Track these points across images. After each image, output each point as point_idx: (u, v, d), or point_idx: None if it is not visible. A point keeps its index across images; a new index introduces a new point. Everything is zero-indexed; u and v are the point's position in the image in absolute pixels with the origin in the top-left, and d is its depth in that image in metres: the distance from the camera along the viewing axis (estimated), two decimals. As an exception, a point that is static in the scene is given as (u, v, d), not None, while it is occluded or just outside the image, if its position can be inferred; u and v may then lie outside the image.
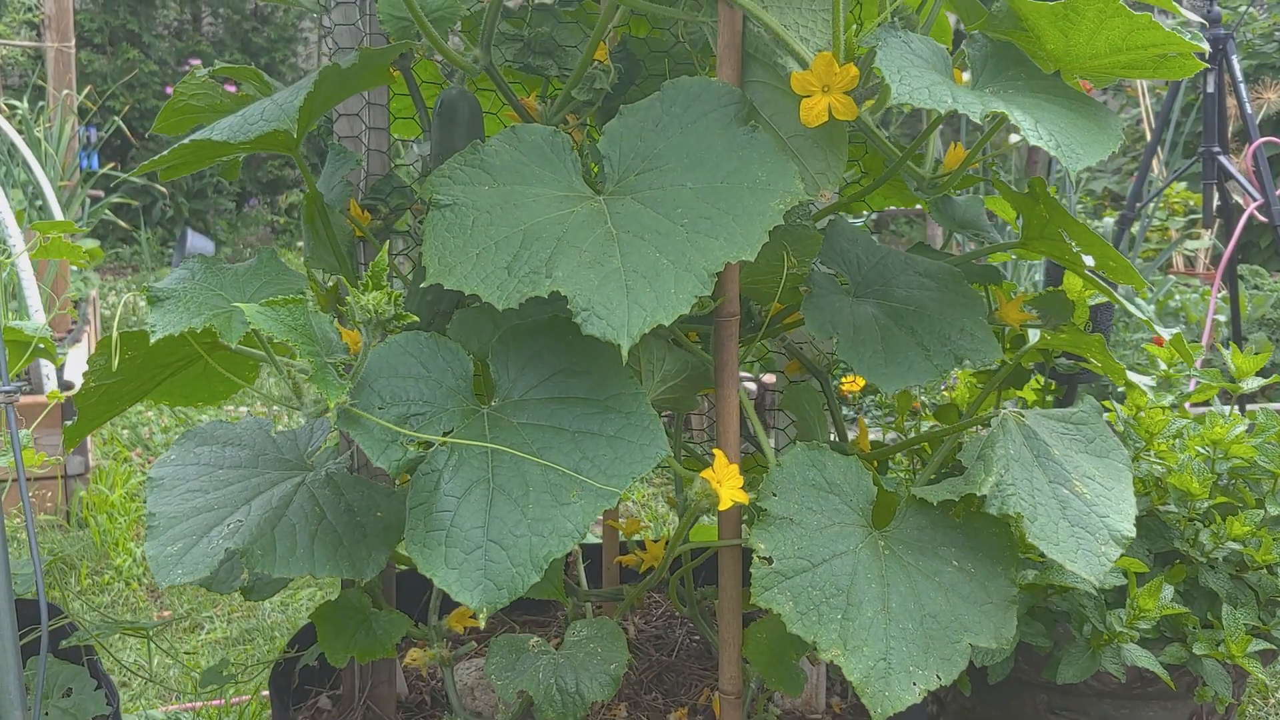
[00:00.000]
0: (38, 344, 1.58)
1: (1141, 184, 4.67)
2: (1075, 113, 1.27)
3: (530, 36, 1.59)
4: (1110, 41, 1.29)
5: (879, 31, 1.27)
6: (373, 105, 1.58)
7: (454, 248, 1.24)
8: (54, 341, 4.55)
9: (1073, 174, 1.17)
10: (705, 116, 1.32)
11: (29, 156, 5.52)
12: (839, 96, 1.27)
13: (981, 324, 1.45)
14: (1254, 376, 2.08)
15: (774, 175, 1.25)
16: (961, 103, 1.20)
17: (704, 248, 1.20)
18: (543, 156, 1.34)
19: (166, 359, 1.60)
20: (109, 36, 10.07)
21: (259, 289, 1.31)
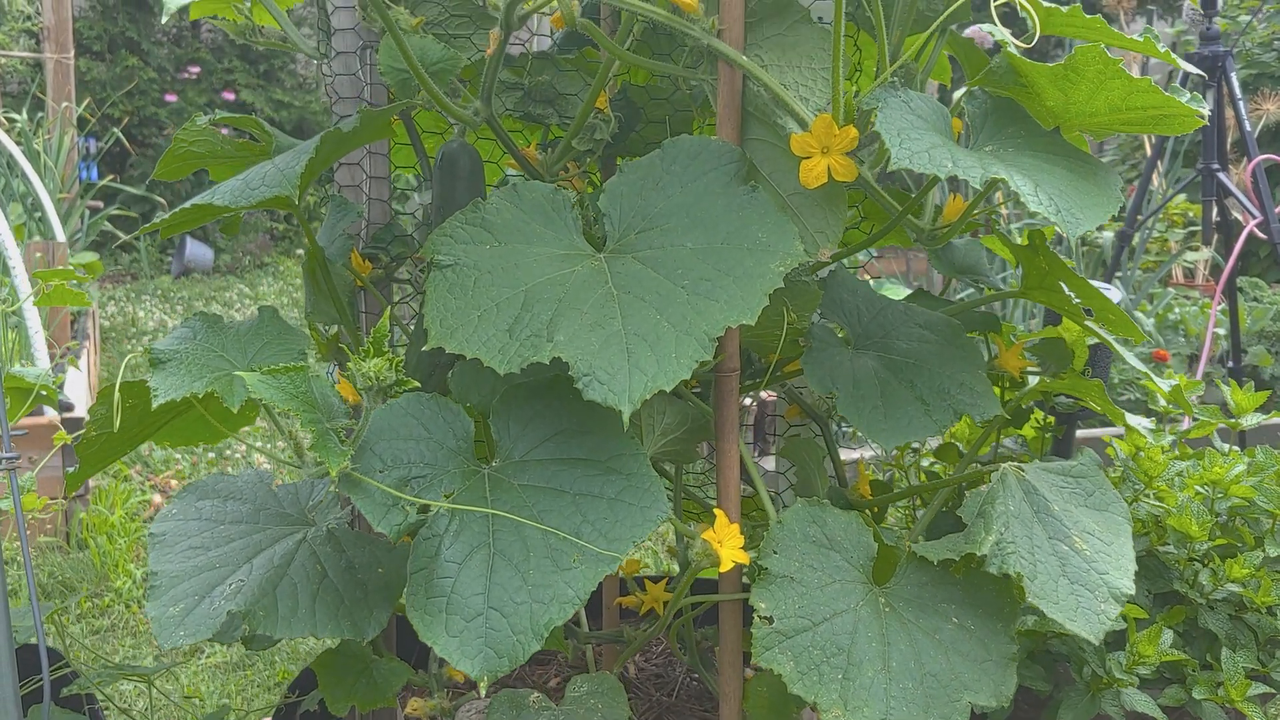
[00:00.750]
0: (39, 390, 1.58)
1: (1141, 198, 4.68)
2: (1075, 173, 1.27)
3: (530, 85, 1.59)
4: (1109, 101, 1.30)
5: (878, 92, 1.28)
6: (373, 154, 1.58)
7: (455, 309, 1.24)
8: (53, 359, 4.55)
9: (1072, 240, 1.17)
10: (705, 175, 1.32)
11: (28, 169, 5.53)
12: (838, 158, 1.27)
13: (980, 377, 1.45)
14: (1254, 413, 2.08)
15: (774, 236, 1.25)
16: (962, 167, 1.20)
17: (704, 310, 1.20)
18: (543, 214, 1.34)
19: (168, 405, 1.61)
20: (108, 44, 10.07)
21: (260, 349, 1.32)
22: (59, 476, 3.59)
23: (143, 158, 9.56)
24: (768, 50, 1.33)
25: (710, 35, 1.32)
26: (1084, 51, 1.25)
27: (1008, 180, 1.19)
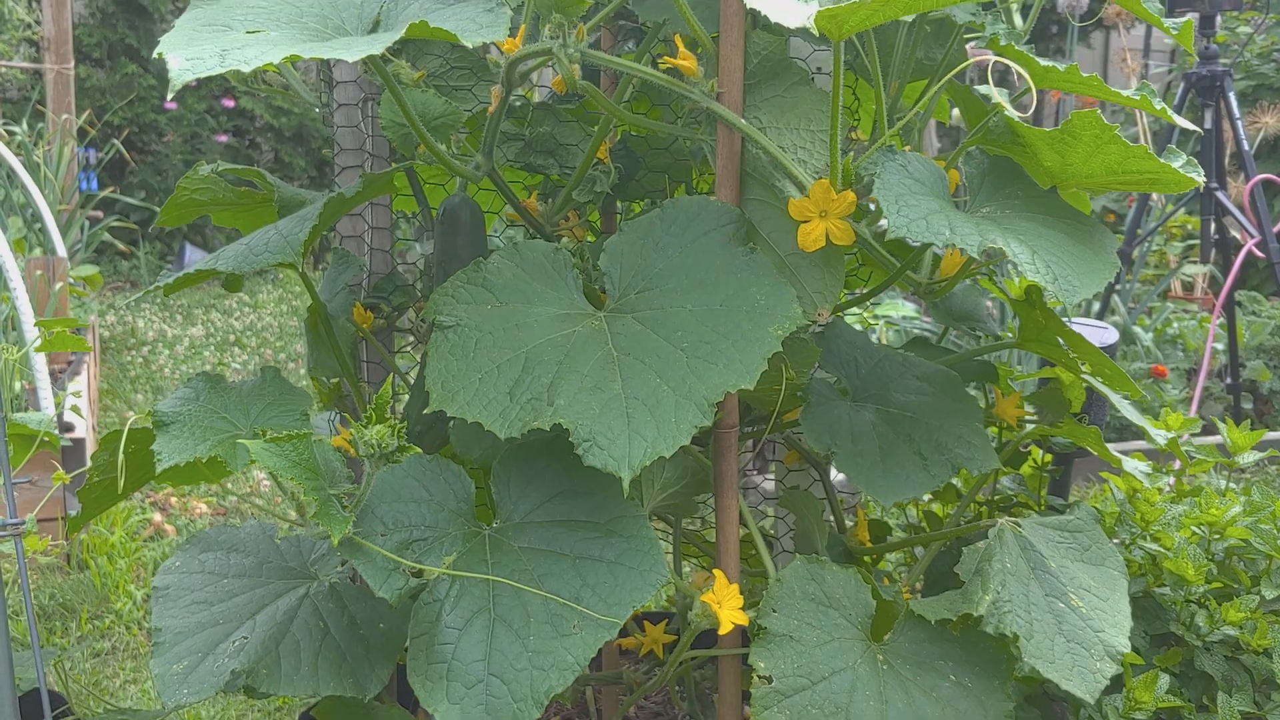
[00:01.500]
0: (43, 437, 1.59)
1: (1140, 214, 4.69)
2: (1072, 237, 1.28)
3: (531, 136, 1.60)
4: (1106, 165, 1.31)
5: (876, 156, 1.29)
6: (375, 205, 1.59)
7: (456, 372, 1.26)
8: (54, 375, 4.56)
9: (1070, 309, 1.18)
10: (705, 236, 1.33)
11: (28, 182, 5.53)
12: (836, 222, 1.28)
13: (978, 430, 1.47)
14: (1251, 450, 2.09)
15: (772, 299, 1.27)
16: (959, 235, 1.21)
17: (704, 374, 1.21)
18: (544, 273, 1.35)
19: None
20: (107, 51, 10.07)
21: (263, 410, 1.33)
22: (58, 496, 3.60)
23: (142, 164, 9.56)
24: (766, 112, 1.34)
25: (709, 98, 1.33)
26: (1080, 117, 1.27)
27: (1004, 249, 1.20)
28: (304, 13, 1.26)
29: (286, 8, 1.26)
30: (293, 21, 1.23)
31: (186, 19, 1.22)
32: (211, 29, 1.19)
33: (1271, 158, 7.21)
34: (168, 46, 1.12)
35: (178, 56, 1.09)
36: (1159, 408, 5.05)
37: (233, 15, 1.23)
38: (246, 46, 1.11)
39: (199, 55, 1.09)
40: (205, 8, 1.26)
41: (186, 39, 1.15)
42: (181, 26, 1.20)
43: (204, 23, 1.21)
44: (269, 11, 1.25)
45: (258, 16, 1.23)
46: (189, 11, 1.26)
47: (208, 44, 1.13)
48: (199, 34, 1.17)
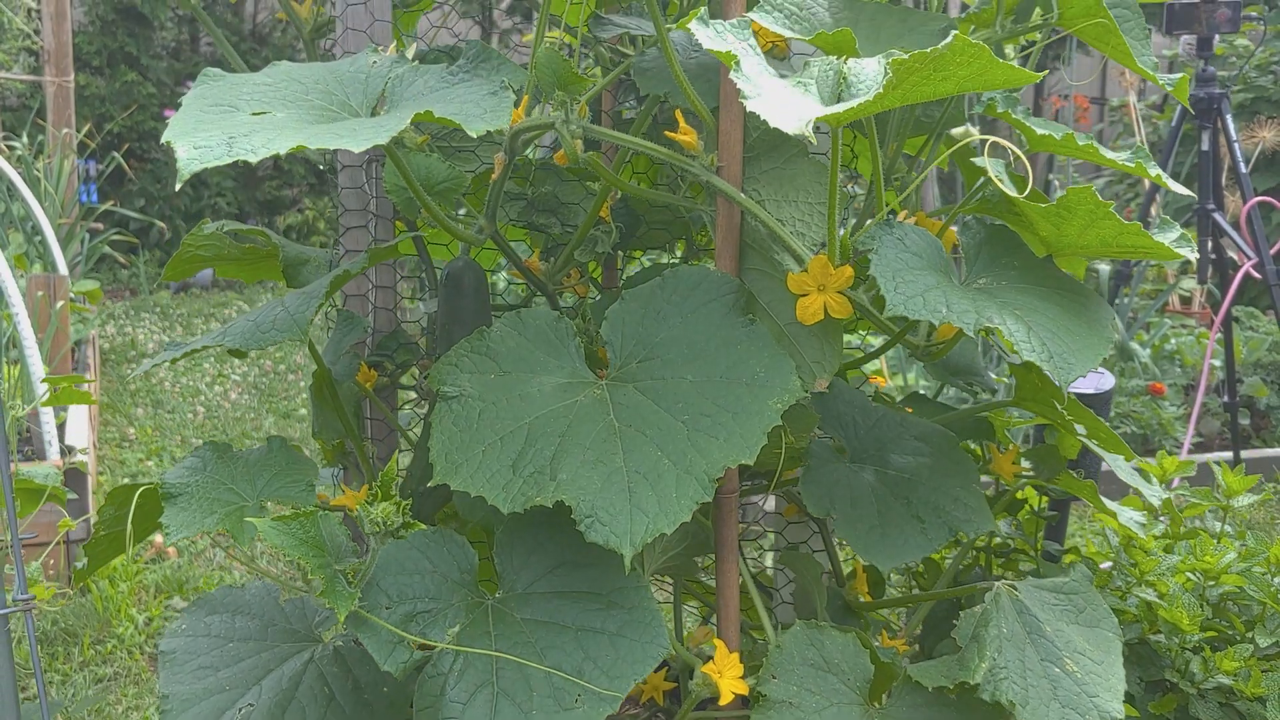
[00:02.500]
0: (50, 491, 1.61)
1: (1136, 237, 4.70)
2: (1068, 311, 1.30)
3: (534, 196, 1.62)
4: (1100, 239, 1.33)
5: (874, 230, 1.30)
6: (379, 264, 1.61)
7: (460, 443, 1.27)
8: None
9: (1063, 385, 1.20)
10: (705, 306, 1.35)
11: (28, 196, 5.55)
12: (834, 296, 1.30)
13: (975, 492, 1.48)
14: (1246, 494, 2.10)
15: (772, 372, 1.28)
16: (956, 313, 1.23)
17: (705, 448, 1.23)
18: (547, 342, 1.37)
19: (174, 499, 1.64)
20: (107, 59, 10.08)
21: (269, 481, 1.35)
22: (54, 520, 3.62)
23: (141, 172, 9.56)
24: (765, 184, 1.36)
25: (710, 172, 1.35)
26: (1076, 193, 1.28)
27: (1000, 329, 1.21)
28: (309, 89, 1.28)
29: (292, 85, 1.27)
30: (298, 100, 1.25)
31: (193, 98, 1.24)
32: (218, 110, 1.21)
33: (1269, 170, 7.22)
34: (175, 133, 1.14)
35: (185, 145, 1.10)
36: (1157, 425, 5.08)
37: (239, 94, 1.24)
38: (253, 133, 1.12)
39: (206, 143, 1.11)
40: (211, 85, 1.27)
41: (193, 123, 1.17)
42: (188, 107, 1.21)
43: (210, 103, 1.22)
44: (275, 89, 1.26)
45: (264, 95, 1.24)
46: (195, 89, 1.27)
47: (214, 129, 1.14)
48: (205, 117, 1.18)
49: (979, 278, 1.36)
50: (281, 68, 1.32)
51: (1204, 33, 4.24)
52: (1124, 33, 1.75)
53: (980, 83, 1.13)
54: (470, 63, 1.27)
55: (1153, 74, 1.68)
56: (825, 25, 1.40)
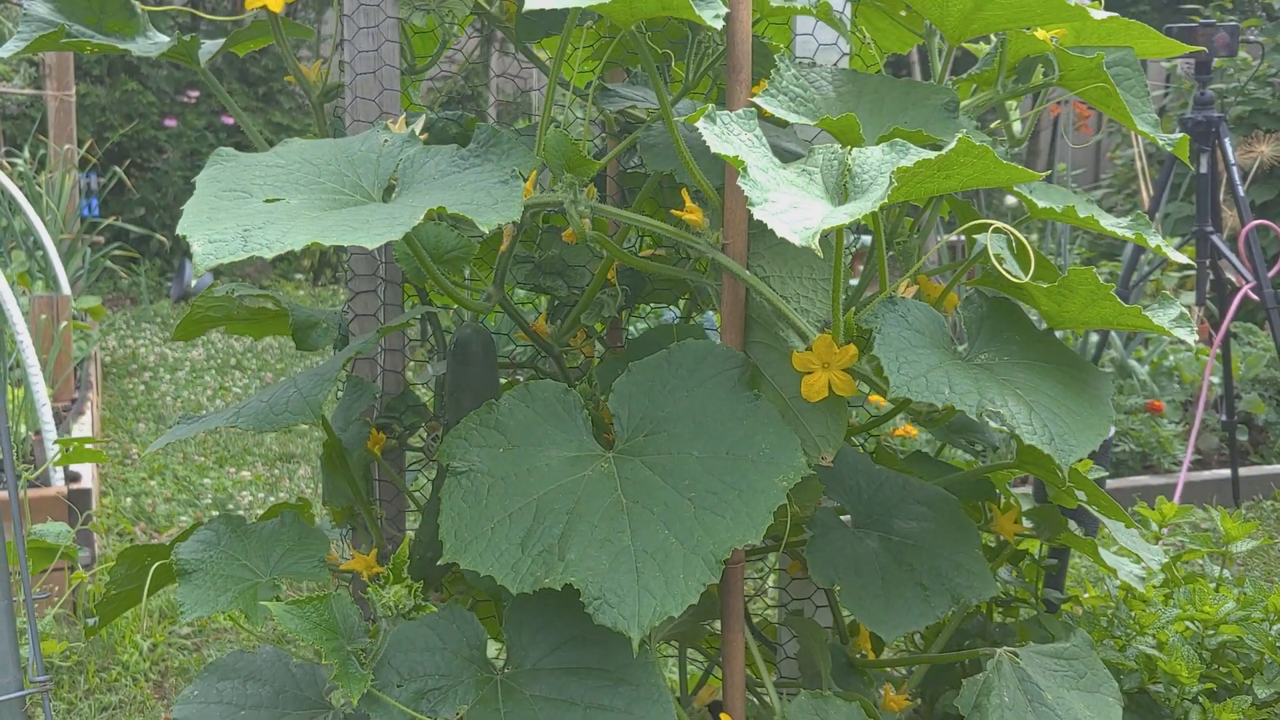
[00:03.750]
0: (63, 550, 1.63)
1: (1136, 256, 4.73)
2: (1069, 388, 1.32)
3: (540, 259, 1.64)
4: (1101, 316, 1.35)
5: (878, 308, 1.32)
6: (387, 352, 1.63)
7: (469, 520, 1.29)
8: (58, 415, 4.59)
9: (1063, 468, 1.22)
10: (710, 380, 1.37)
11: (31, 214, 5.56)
12: (839, 374, 1.32)
13: (977, 557, 1.50)
14: (1245, 539, 2.13)
15: (777, 448, 1.30)
16: (958, 395, 1.25)
17: (711, 527, 1.25)
18: (555, 414, 1.39)
19: (184, 556, 1.66)
20: (107, 68, 10.09)
21: (283, 556, 1.36)
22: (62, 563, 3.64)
23: (142, 181, 9.57)
24: (769, 260, 1.38)
25: (715, 249, 1.37)
26: (1077, 273, 1.30)
27: (1002, 411, 1.23)
28: (321, 172, 1.30)
29: (305, 167, 1.29)
30: (311, 184, 1.27)
31: (206, 181, 1.26)
32: (231, 196, 1.22)
33: (1268, 183, 7.25)
34: (190, 224, 1.15)
35: (200, 239, 1.12)
36: (1155, 443, 5.10)
37: (251, 177, 1.26)
38: (268, 225, 1.14)
39: (221, 237, 1.12)
40: (224, 166, 1.29)
41: (208, 213, 1.18)
42: (202, 193, 1.23)
43: (223, 188, 1.24)
44: (287, 172, 1.28)
45: (276, 179, 1.26)
46: (209, 170, 1.29)
47: (229, 220, 1.16)
48: (219, 205, 1.20)
49: (981, 352, 1.37)
50: (294, 146, 1.34)
51: (1202, 57, 4.26)
52: (1125, 90, 1.77)
53: (984, 181, 1.15)
54: (481, 146, 1.28)
55: (1153, 134, 1.70)
56: (829, 100, 1.42)
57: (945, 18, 1.45)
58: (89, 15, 1.70)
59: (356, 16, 1.54)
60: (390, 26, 1.54)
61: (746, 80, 1.33)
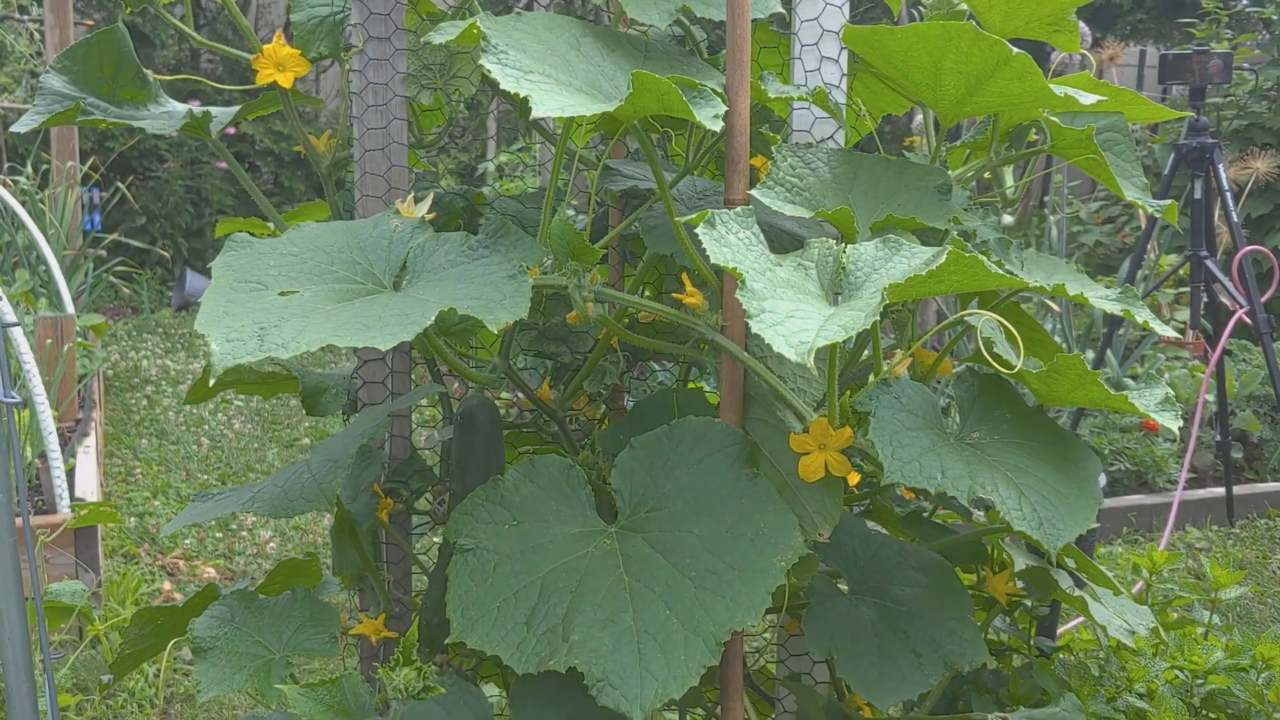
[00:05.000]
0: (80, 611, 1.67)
1: (1133, 276, 4.77)
2: (1058, 469, 1.36)
3: (544, 326, 1.68)
4: (1089, 398, 1.39)
5: (873, 391, 1.36)
6: (395, 394, 1.67)
7: (476, 599, 1.33)
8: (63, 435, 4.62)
9: (1052, 554, 1.26)
10: (710, 458, 1.41)
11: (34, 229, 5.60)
12: (835, 455, 1.36)
13: (969, 624, 1.54)
14: (1234, 586, 2.17)
15: (775, 527, 1.34)
16: (950, 480, 1.29)
17: (711, 608, 1.29)
18: (558, 490, 1.43)
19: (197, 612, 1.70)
20: (108, 77, 10.09)
21: (295, 633, 1.41)
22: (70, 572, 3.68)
23: (143, 190, 9.61)
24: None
25: (714, 331, 1.41)
26: (1065, 360, 1.35)
27: (992, 498, 1.27)
28: (334, 260, 1.34)
29: (317, 255, 1.33)
30: (324, 273, 1.31)
31: (222, 270, 1.30)
32: (247, 288, 1.26)
33: (1263, 197, 7.29)
34: (207, 320, 1.19)
35: (218, 338, 1.16)
36: (1151, 462, 5.15)
37: (266, 267, 1.30)
38: (283, 322, 1.18)
39: (239, 335, 1.16)
40: (239, 254, 1.33)
41: (224, 306, 1.22)
42: (218, 284, 1.27)
43: (239, 278, 1.28)
44: (300, 260, 1.32)
45: (290, 269, 1.30)
46: (224, 257, 1.33)
47: (245, 317, 1.20)
48: (235, 298, 1.24)
49: (973, 431, 1.42)
50: (306, 232, 1.38)
51: (1196, 83, 4.31)
52: (1114, 154, 1.81)
53: (973, 285, 1.19)
54: (489, 237, 1.32)
55: (1141, 201, 1.74)
56: (825, 182, 1.46)
57: (939, 101, 1.49)
58: (102, 85, 1.74)
59: (365, 95, 1.58)
60: (398, 105, 1.58)
61: (744, 170, 1.37)
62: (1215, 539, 4.72)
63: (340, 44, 1.60)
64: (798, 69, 1.62)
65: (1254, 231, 7.33)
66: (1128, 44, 11.76)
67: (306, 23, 1.63)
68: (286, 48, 1.60)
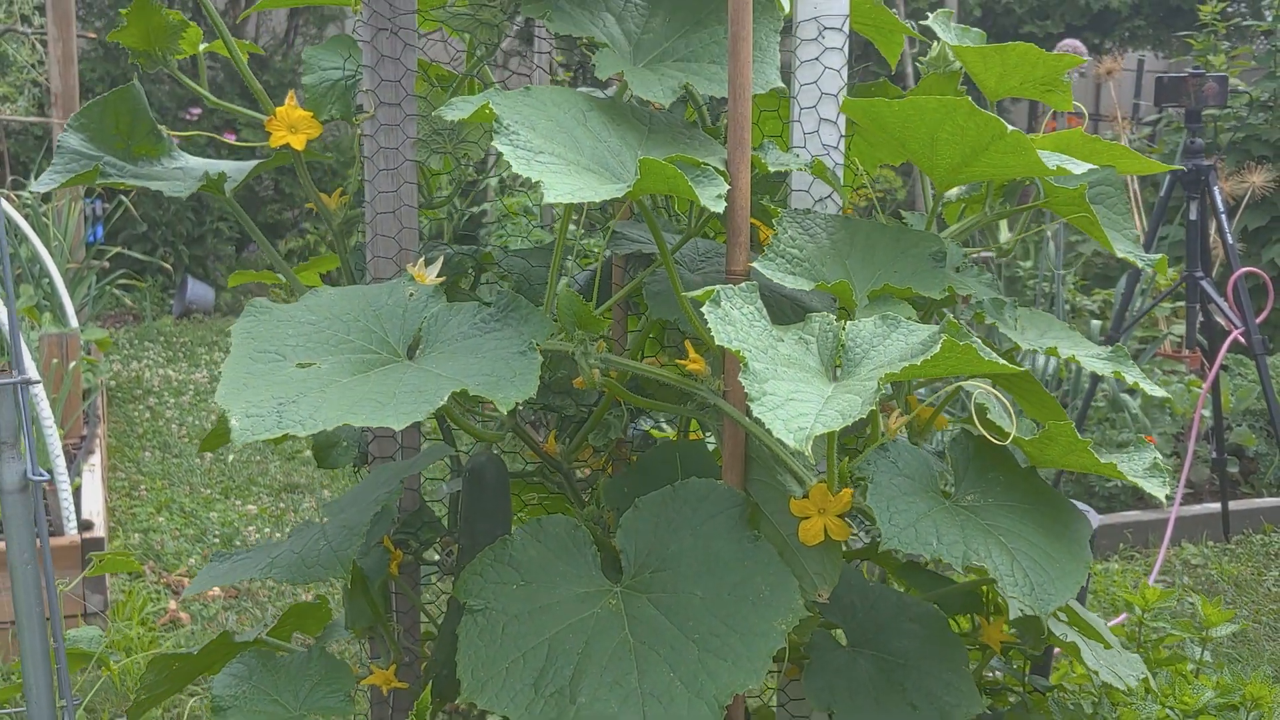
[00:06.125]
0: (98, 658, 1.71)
1: (1129, 300, 4.81)
2: (1049, 532, 1.40)
3: (550, 380, 1.72)
4: (1079, 464, 1.43)
5: (870, 457, 1.41)
6: (405, 447, 1.71)
7: (485, 660, 1.37)
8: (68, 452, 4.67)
9: (1044, 618, 1.30)
10: (713, 519, 1.45)
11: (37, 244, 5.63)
12: (834, 519, 1.40)
13: (964, 675, 1.59)
14: (1225, 624, 2.21)
15: (776, 590, 1.38)
16: (945, 546, 1.33)
17: (714, 671, 1.33)
18: (565, 550, 1.47)
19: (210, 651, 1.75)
20: (110, 85, 10.16)
21: (311, 691, 1.45)
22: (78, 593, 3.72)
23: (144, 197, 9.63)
24: (770, 406, 1.46)
25: (716, 396, 1.45)
26: (1056, 427, 1.39)
27: (985, 565, 1.32)
28: (350, 329, 1.38)
29: (334, 325, 1.37)
30: (340, 343, 1.35)
31: (242, 338, 1.34)
32: (265, 359, 1.31)
33: (1261, 209, 7.34)
34: (227, 393, 1.24)
35: (238, 413, 1.20)
36: (1146, 478, 5.18)
37: (284, 337, 1.34)
38: (301, 399, 1.22)
39: (258, 411, 1.20)
40: (257, 321, 1.37)
41: (243, 378, 1.26)
42: (237, 354, 1.31)
43: (258, 348, 1.32)
44: (317, 329, 1.36)
45: (308, 339, 1.34)
46: (244, 323, 1.37)
47: (264, 390, 1.24)
48: (254, 369, 1.28)
49: (967, 493, 1.46)
50: (323, 299, 1.42)
51: (1192, 106, 4.35)
52: (1107, 207, 1.86)
53: (966, 370, 1.23)
54: (501, 310, 1.37)
55: (1132, 257, 1.78)
56: (824, 249, 1.50)
57: (935, 169, 1.53)
58: (118, 142, 1.78)
59: (376, 159, 1.62)
60: (409, 169, 1.62)
61: (745, 243, 1.42)
62: (1211, 555, 4.76)
63: (352, 107, 1.65)
64: (797, 131, 1.67)
65: (1251, 244, 7.38)
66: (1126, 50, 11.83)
67: (318, 85, 1.67)
68: (299, 110, 1.64)
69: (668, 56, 1.51)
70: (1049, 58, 1.70)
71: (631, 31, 1.54)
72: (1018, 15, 11.38)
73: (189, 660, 1.69)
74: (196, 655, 1.68)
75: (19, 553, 1.27)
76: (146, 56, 1.70)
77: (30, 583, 1.27)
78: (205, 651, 1.68)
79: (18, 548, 1.27)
